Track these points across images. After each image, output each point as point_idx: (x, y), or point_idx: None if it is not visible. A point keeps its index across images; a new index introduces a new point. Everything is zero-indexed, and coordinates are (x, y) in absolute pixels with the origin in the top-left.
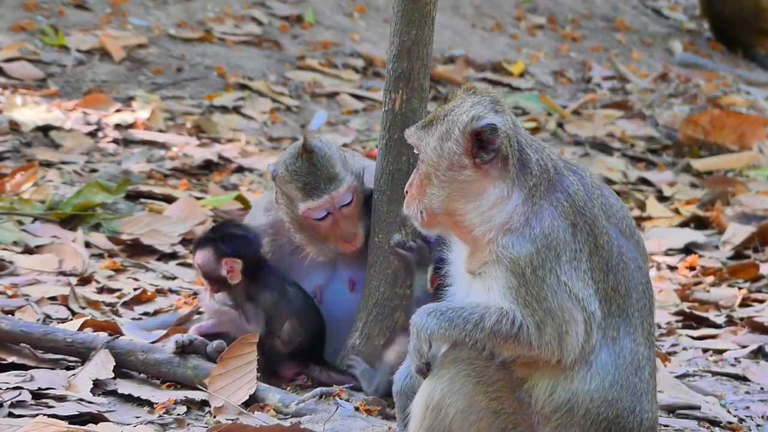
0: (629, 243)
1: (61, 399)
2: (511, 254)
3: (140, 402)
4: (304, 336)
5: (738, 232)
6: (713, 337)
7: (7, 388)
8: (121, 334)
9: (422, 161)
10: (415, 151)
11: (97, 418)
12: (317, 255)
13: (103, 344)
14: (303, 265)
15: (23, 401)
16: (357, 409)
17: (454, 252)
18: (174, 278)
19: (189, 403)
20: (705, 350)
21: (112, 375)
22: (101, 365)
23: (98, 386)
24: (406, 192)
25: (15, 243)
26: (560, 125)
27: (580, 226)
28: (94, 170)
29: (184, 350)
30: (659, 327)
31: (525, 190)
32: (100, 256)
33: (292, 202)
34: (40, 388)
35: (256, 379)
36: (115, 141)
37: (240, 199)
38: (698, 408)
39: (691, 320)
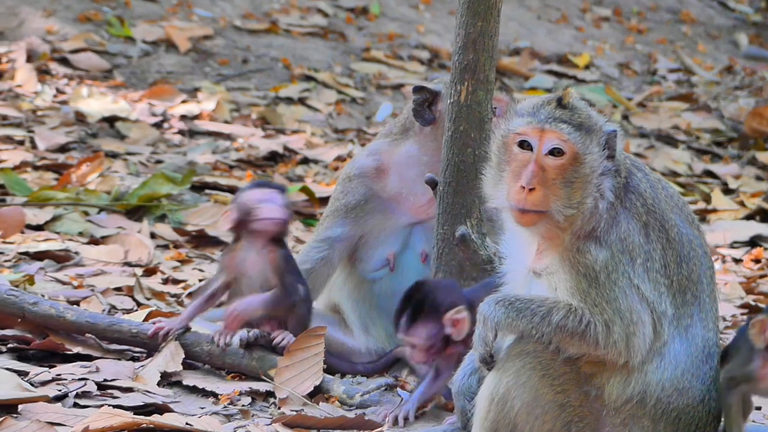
0: (692, 229)
1: (127, 390)
2: (587, 260)
3: (205, 393)
4: None
5: None
6: None
7: (73, 379)
8: None
9: (581, 165)
10: (552, 149)
11: (162, 409)
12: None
13: (173, 335)
14: (387, 222)
15: (88, 392)
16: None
17: (511, 248)
18: None
19: (254, 394)
20: None
21: (181, 367)
22: (170, 357)
23: (163, 377)
24: (533, 188)
25: (81, 234)
26: (625, 117)
27: (651, 225)
28: (159, 161)
29: (248, 345)
30: (724, 320)
31: (611, 194)
32: (166, 247)
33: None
34: (105, 380)
35: (322, 370)
36: (181, 132)
37: (305, 190)
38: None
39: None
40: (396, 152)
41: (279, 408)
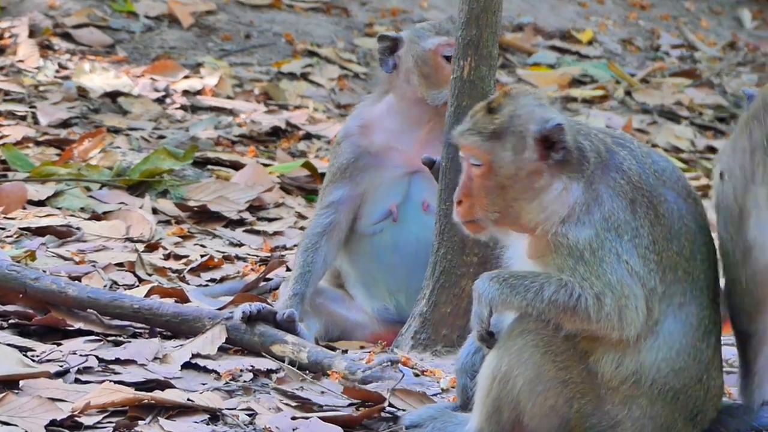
0: (687, 204)
1: (127, 365)
2: (570, 241)
3: (206, 369)
4: None
5: None
6: None
7: (81, 355)
8: (188, 301)
9: (494, 173)
10: (472, 161)
11: (163, 385)
12: (431, 100)
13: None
14: (383, 175)
15: (90, 367)
16: (417, 375)
17: (512, 236)
18: (241, 245)
19: (255, 371)
20: None
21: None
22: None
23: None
24: (460, 201)
25: (82, 209)
26: (628, 93)
27: (638, 201)
28: (161, 137)
29: (251, 319)
30: None
31: (583, 179)
32: (167, 222)
33: (424, 39)
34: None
35: None
36: (183, 107)
37: (308, 166)
38: None
39: None
40: (377, 108)
41: (279, 385)
